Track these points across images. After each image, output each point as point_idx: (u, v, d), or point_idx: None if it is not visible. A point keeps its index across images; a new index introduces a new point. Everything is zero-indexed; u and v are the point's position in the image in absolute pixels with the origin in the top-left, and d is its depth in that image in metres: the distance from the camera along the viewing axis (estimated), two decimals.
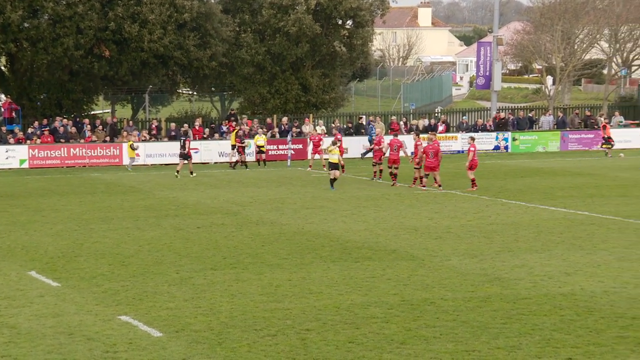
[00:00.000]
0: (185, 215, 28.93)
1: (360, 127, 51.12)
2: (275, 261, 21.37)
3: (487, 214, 28.53)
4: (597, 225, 26.24)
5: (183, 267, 20.82)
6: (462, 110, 61.64)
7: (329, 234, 25.13)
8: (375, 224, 26.87)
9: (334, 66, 57.16)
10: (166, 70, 51.89)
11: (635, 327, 15.56)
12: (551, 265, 20.69)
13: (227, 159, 47.00)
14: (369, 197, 32.97)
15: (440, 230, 25.61)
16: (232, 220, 27.79)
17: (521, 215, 28.34)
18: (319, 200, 32.42)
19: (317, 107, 56.28)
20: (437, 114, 59.58)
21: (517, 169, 42.94)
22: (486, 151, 51.30)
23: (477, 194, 33.52)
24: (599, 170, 41.33)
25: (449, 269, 20.39)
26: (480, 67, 57.79)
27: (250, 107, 56.85)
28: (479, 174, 40.13)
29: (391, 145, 37.07)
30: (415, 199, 32.48)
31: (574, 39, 64.83)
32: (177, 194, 34.47)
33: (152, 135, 48.35)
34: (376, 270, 20.28)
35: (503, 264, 20.78)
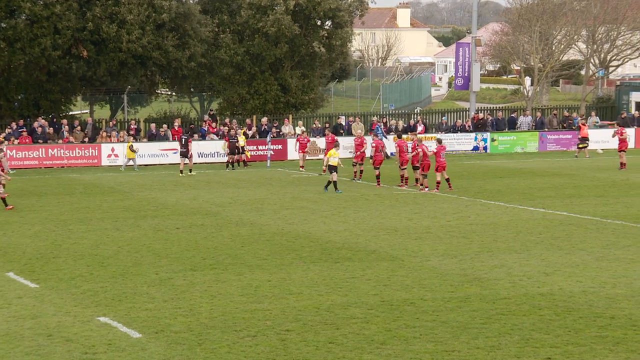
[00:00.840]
0: (164, 216, 28.84)
1: (338, 127, 51.15)
2: (255, 262, 21.35)
3: (466, 215, 28.62)
4: (575, 225, 26.38)
5: (162, 268, 20.76)
6: (441, 110, 61.84)
7: (309, 234, 25.13)
8: (355, 224, 26.89)
9: (313, 67, 57.18)
10: (145, 71, 51.73)
11: (614, 327, 15.67)
12: (530, 265, 20.78)
13: (206, 160, 46.91)
14: (348, 198, 32.99)
15: (420, 230, 25.66)
16: (211, 221, 27.73)
17: (500, 215, 28.45)
18: (299, 201, 32.41)
19: (296, 108, 56.28)
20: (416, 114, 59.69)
21: (496, 169, 43.10)
22: (465, 152, 51.47)
23: (457, 194, 33.61)
24: (577, 171, 41.56)
25: (428, 269, 20.43)
26: (459, 67, 57.97)
27: (230, 108, 56.77)
28: (458, 174, 40.23)
29: (376, 146, 37.04)
30: (395, 199, 32.54)
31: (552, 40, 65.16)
32: (157, 194, 34.36)
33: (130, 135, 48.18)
34: (356, 270, 20.30)
35: (482, 264, 20.86)
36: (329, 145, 41.24)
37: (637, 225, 26.17)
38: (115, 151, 45.64)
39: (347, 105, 78.78)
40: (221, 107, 57.90)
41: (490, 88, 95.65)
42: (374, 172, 36.82)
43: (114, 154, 45.75)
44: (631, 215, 27.98)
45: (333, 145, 41.39)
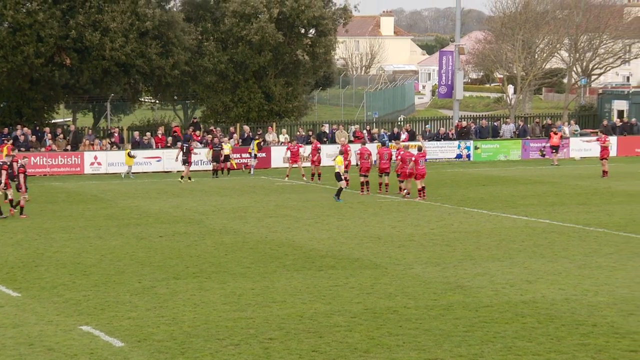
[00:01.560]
0: (147, 224, 28.76)
1: (322, 135, 51.17)
2: (238, 270, 21.32)
3: (449, 222, 28.67)
4: (557, 233, 26.47)
5: (145, 276, 20.70)
6: (424, 118, 61.99)
7: (293, 242, 25.12)
8: (338, 232, 26.90)
9: (297, 75, 57.22)
10: (128, 79, 51.63)
11: (596, 335, 15.72)
12: (513, 273, 20.83)
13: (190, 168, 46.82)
14: (332, 206, 33.00)
15: (403, 238, 25.69)
16: (195, 229, 27.68)
17: (483, 223, 28.52)
18: (283, 208, 32.39)
19: (280, 116, 56.29)
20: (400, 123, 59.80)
21: (479, 177, 43.22)
22: (448, 160, 51.59)
23: (440, 202, 33.67)
24: (560, 179, 41.72)
25: (411, 277, 20.45)
26: (442, 76, 58.14)
27: (213, 116, 56.72)
28: (441, 182, 40.32)
29: (362, 154, 36.80)
30: (378, 207, 32.57)
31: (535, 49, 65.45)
32: (139, 202, 34.27)
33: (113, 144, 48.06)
34: (339, 278, 20.30)
35: (465, 272, 20.89)
36: (313, 152, 41.27)
37: (619, 233, 26.29)
38: (98, 159, 45.49)
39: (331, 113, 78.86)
40: (205, 115, 57.83)
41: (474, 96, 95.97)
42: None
43: (97, 162, 45.61)
44: (613, 223, 28.11)
45: (317, 152, 41.44)
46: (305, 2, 53.62)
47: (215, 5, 55.86)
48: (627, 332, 15.86)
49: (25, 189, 30.91)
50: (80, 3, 49.79)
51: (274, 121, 54.46)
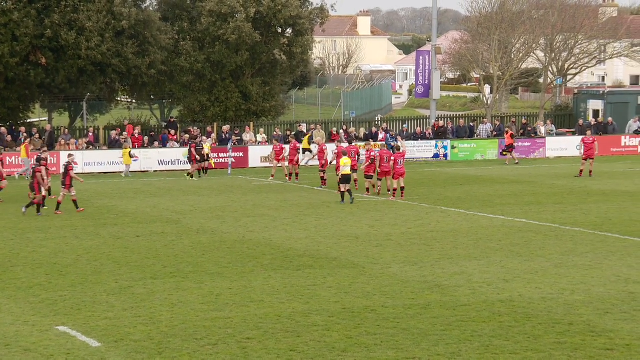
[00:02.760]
0: (124, 224, 28.66)
1: (300, 135, 51.13)
2: (216, 270, 21.29)
3: (427, 222, 28.75)
4: (534, 232, 26.60)
5: (122, 276, 20.63)
6: (402, 118, 62.08)
7: (270, 242, 25.11)
8: (316, 231, 26.91)
9: (274, 74, 57.15)
10: (104, 78, 51.38)
11: (572, 333, 15.81)
12: (490, 272, 20.92)
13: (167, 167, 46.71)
14: (310, 205, 33.01)
15: (380, 238, 25.74)
16: (172, 228, 27.61)
17: (460, 222, 28.61)
18: (260, 208, 32.37)
19: (257, 115, 56.20)
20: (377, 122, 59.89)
21: (456, 176, 43.36)
22: (426, 159, 51.70)
23: (418, 201, 33.75)
24: (536, 178, 41.92)
25: (389, 276, 20.49)
26: (419, 75, 58.26)
27: (190, 115, 56.53)
28: (419, 182, 40.42)
29: (381, 156, 35.10)
30: (356, 207, 32.60)
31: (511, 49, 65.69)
32: (116, 202, 34.14)
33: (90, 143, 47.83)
34: (317, 278, 20.31)
35: (443, 271, 20.96)
36: (292, 151, 41.23)
37: (594, 232, 26.45)
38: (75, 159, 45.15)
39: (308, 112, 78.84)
40: (182, 115, 57.64)
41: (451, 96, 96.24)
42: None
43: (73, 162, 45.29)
44: (589, 222, 28.28)
45: (296, 152, 41.38)
46: (282, 2, 53.57)
47: (192, 4, 55.71)
48: (603, 330, 15.96)
49: (65, 186, 31.08)
50: (55, 2, 49.53)
51: (251, 121, 54.38)
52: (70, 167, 31.39)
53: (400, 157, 34.52)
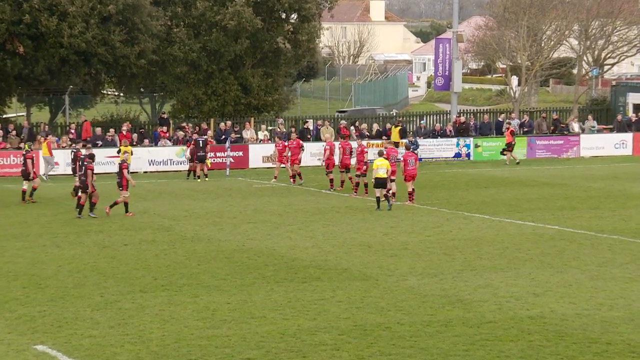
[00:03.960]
0: (110, 231, 28.66)
1: (305, 132, 51.13)
2: (212, 282, 21.26)
3: (447, 229, 28.70)
4: (567, 240, 26.52)
5: (108, 289, 20.61)
6: (419, 113, 62.04)
7: (273, 251, 25.08)
8: (324, 240, 26.88)
9: (278, 65, 57.16)
10: (89, 69, 51.43)
11: (611, 354, 15.73)
12: (518, 285, 20.85)
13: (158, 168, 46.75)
14: (317, 210, 32.97)
15: (396, 246, 25.69)
16: (163, 236, 27.60)
17: (485, 229, 28.55)
18: (262, 213, 32.34)
19: (258, 110, 56.22)
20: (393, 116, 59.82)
21: (480, 178, 43.30)
22: (446, 159, 51.65)
23: (437, 206, 33.70)
24: (570, 180, 41.84)
25: (405, 289, 20.44)
26: (438, 66, 58.22)
27: (184, 110, 56.59)
28: (439, 184, 40.35)
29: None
30: (368, 212, 32.55)
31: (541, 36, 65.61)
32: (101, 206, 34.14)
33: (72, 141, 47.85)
34: (325, 291, 20.27)
35: (465, 284, 20.90)
36: (294, 150, 41.17)
37: (635, 241, 26.36)
38: (56, 158, 45.28)
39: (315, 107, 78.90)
40: (175, 110, 57.70)
41: (474, 88, 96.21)
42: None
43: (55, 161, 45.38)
44: (629, 229, 28.19)
45: (299, 149, 41.31)
46: None
47: None
48: None
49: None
50: None
51: (251, 116, 54.38)
52: (124, 166, 31.96)
53: (410, 157, 34.33)
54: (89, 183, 31.41)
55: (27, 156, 35.57)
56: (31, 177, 35.43)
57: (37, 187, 35.89)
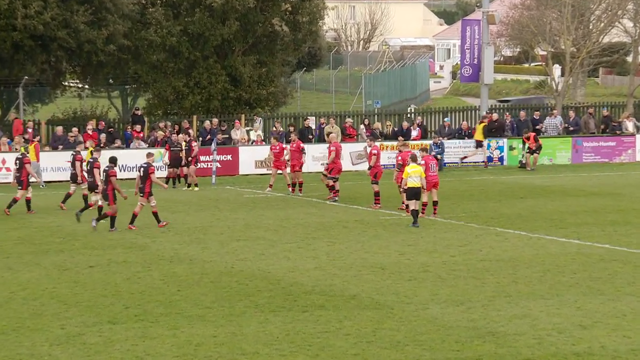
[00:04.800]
0: (73, 250, 28.67)
1: (306, 132, 51.15)
2: (195, 311, 21.26)
3: (476, 247, 28.68)
4: (621, 262, 26.50)
5: (70, 320, 20.61)
6: (442, 109, 62.07)
7: (268, 274, 25.08)
8: (329, 260, 26.87)
9: (273, 51, 57.22)
10: (47, 56, 51.50)
11: None
12: (561, 315, 20.83)
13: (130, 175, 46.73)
14: (321, 225, 32.97)
15: (415, 269, 25.67)
16: (137, 256, 27.60)
17: (521, 248, 28.53)
18: (254, 229, 32.34)
19: (250, 106, 56.26)
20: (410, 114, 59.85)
21: (515, 187, 43.26)
22: (475, 164, 51.64)
23: (464, 220, 33.67)
24: (624, 190, 41.82)
25: (426, 320, 20.43)
26: (465, 53, 58.25)
27: (162, 106, 56.63)
28: (466, 194, 40.34)
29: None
30: (382, 227, 32.54)
31: (589, 16, 65.63)
32: (63, 221, 34.17)
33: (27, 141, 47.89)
34: (330, 322, 20.27)
35: (498, 314, 20.89)
36: (294, 154, 41.19)
37: None
38: (7, 163, 45.34)
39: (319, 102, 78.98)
40: (150, 105, 57.74)
41: (508, 80, 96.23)
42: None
43: (5, 167, 45.45)
44: None
45: (300, 153, 41.31)
46: None
47: None
48: None
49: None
50: None
51: (242, 113, 54.40)
52: (151, 170, 32.36)
53: (431, 161, 34.40)
54: (110, 193, 31.87)
55: (24, 160, 36.42)
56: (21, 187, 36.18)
57: (24, 199, 36.35)
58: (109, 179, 31.99)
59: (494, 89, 79.78)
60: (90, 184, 34.57)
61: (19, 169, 36.27)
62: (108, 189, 32.00)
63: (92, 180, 34.30)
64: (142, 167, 32.65)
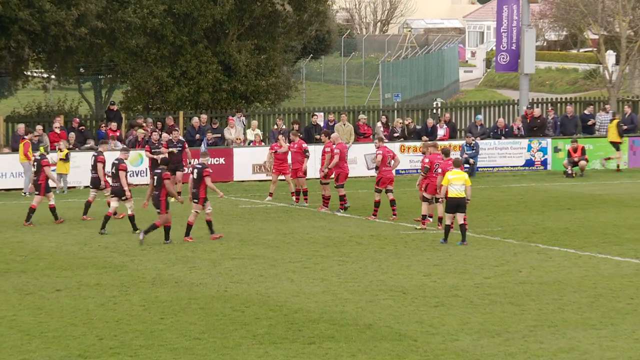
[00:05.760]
0: (37, 270, 28.67)
1: (313, 130, 51.05)
2: (182, 343, 21.26)
3: (514, 268, 28.65)
4: None
5: (34, 353, 20.61)
6: (474, 104, 62.02)
7: (268, 299, 25.07)
8: (340, 283, 26.86)
9: (274, 35, 57.26)
10: (6, 41, 51.54)
11: None
12: (616, 348, 20.81)
13: None
14: (330, 241, 32.97)
15: (442, 293, 25.66)
16: (113, 278, 27.60)
17: (568, 269, 28.50)
18: (251, 245, 32.35)
19: (247, 100, 56.29)
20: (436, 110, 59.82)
21: (561, 196, 43.22)
22: (513, 168, 51.58)
23: (500, 235, 33.66)
24: None
25: (456, 354, 20.44)
26: (502, 36, 58.22)
27: (142, 99, 56.65)
28: (502, 204, 40.30)
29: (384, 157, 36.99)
30: (403, 243, 32.53)
31: None
32: (24, 237, 34.19)
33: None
34: (342, 357, 20.26)
35: (541, 347, 20.88)
36: (296, 156, 41.13)
37: None
38: None
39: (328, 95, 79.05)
40: (128, 99, 57.76)
41: (553, 69, 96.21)
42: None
43: None
44: None
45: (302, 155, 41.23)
46: None
47: None
48: None
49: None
50: None
51: (237, 108, 54.41)
52: (206, 172, 33.10)
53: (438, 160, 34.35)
54: (163, 199, 32.56)
55: (42, 162, 36.86)
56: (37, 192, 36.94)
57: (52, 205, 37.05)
58: (162, 182, 32.51)
59: (536, 80, 79.82)
60: (115, 189, 35.00)
61: (37, 172, 36.80)
62: (161, 194, 32.56)
63: (117, 185, 34.81)
64: (196, 169, 33.22)
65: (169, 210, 32.71)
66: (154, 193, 32.83)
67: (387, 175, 37.27)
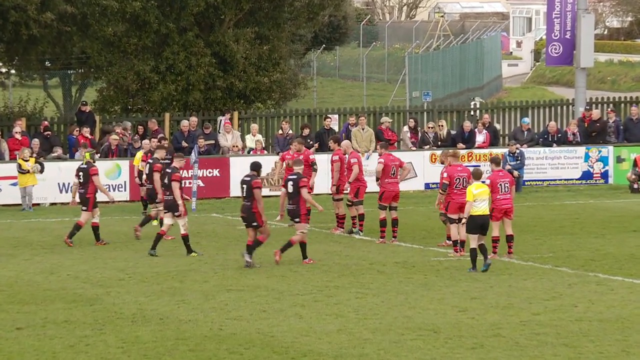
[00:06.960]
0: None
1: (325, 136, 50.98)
2: None
3: (569, 301, 28.67)
4: None
5: None
6: (520, 105, 62.02)
7: (271, 339, 25.11)
8: (358, 319, 26.88)
9: (279, 22, 57.36)
10: None
11: None
12: None
13: None
14: (346, 269, 33.02)
15: (481, 332, 25.68)
16: (85, 313, 27.67)
17: (634, 303, 28.50)
18: (252, 274, 32.42)
19: (246, 99, 56.38)
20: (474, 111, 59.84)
21: (625, 215, 43.26)
22: (567, 182, 51.58)
23: (551, 262, 33.67)
24: None
25: None
26: (554, 23, 58.27)
27: (121, 99, 56.74)
28: (554, 225, 40.33)
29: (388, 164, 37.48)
30: (434, 272, 32.56)
31: None
32: None
33: None
34: None
35: None
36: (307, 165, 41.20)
37: None
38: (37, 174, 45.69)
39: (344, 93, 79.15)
40: (104, 98, 57.84)
41: (615, 62, 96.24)
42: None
43: None
44: None
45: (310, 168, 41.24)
46: None
47: None
48: None
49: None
50: None
51: (235, 109, 54.50)
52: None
53: (502, 179, 34.06)
54: (257, 210, 33.41)
55: (90, 171, 37.37)
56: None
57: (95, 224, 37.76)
58: (252, 191, 33.23)
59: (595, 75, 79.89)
60: (169, 202, 35.27)
61: (84, 183, 37.07)
62: (252, 206, 33.28)
63: (170, 198, 35.10)
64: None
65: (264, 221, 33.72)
66: (245, 204, 33.54)
67: (392, 189, 37.45)
